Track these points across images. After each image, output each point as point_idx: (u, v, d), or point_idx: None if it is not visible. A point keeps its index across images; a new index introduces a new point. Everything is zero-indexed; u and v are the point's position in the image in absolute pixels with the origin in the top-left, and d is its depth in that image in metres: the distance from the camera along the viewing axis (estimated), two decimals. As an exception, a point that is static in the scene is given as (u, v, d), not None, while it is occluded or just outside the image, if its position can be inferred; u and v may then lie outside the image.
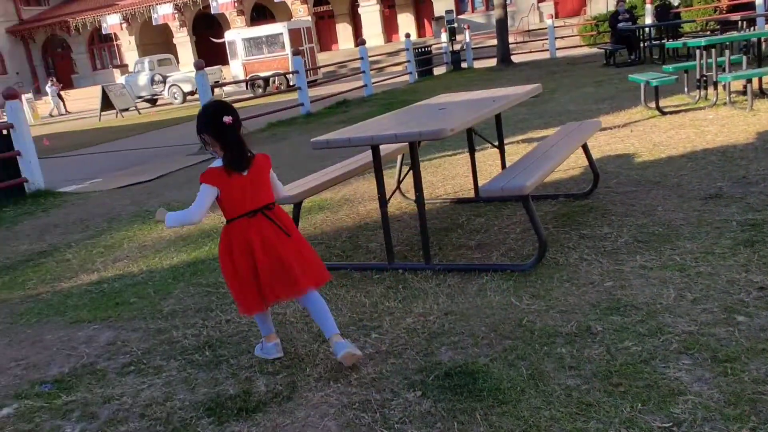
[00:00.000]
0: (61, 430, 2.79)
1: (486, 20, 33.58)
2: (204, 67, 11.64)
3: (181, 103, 27.45)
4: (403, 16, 38.29)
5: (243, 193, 2.92)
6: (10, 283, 5.12)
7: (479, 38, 28.15)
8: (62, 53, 45.04)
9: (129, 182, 9.16)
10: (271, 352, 3.17)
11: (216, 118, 2.87)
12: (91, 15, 40.64)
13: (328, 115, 14.34)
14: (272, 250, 2.90)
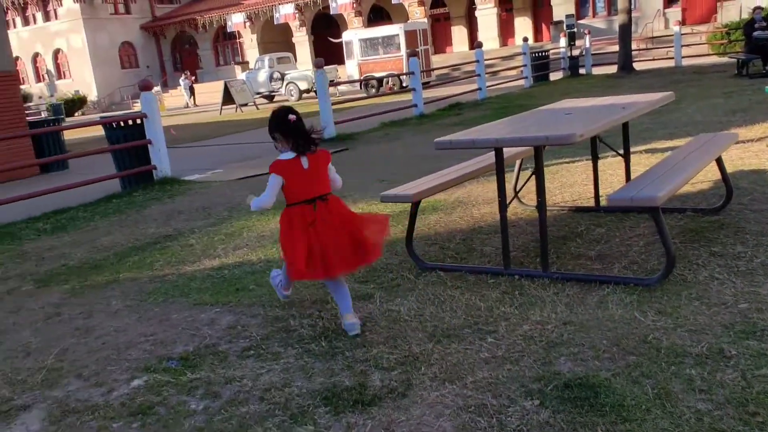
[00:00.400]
0: (187, 405, 2.92)
1: (607, 25, 32.54)
2: (324, 65, 11.92)
3: (297, 101, 28.28)
4: (521, 19, 37.72)
5: (303, 183, 3.42)
6: (139, 263, 5.44)
7: (599, 44, 27.29)
8: (189, 49, 47.49)
9: (247, 174, 9.50)
10: (282, 294, 3.97)
11: (284, 118, 3.43)
12: (218, 13, 42.62)
13: (441, 117, 14.34)
14: (320, 236, 3.38)
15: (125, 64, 45.63)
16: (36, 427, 2.89)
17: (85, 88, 43.30)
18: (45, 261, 5.89)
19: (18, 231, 7.25)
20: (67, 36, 43.96)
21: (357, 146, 11.10)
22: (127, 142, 9.31)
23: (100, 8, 43.90)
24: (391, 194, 4.37)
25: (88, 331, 4.01)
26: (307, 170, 3.42)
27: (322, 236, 3.37)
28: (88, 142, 18.64)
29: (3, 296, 4.98)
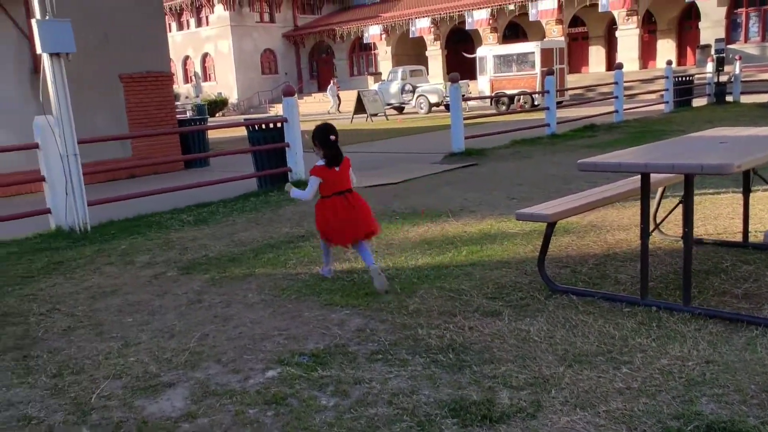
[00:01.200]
0: (318, 400, 3.02)
1: (760, 52, 30.59)
2: (459, 80, 11.97)
3: (426, 113, 28.52)
4: (664, 41, 36.21)
5: (335, 182, 4.81)
6: (274, 260, 5.68)
7: (750, 70, 25.68)
8: (326, 58, 49.15)
9: (377, 182, 9.69)
10: (326, 273, 5.06)
11: (326, 135, 4.80)
12: (356, 25, 43.85)
13: (573, 137, 14.00)
14: (346, 214, 4.75)
15: (266, 70, 47.86)
16: (180, 404, 3.09)
17: (227, 91, 45.81)
18: (188, 250, 6.28)
19: (165, 221, 7.77)
20: (216, 41, 46.71)
21: (486, 162, 11.04)
22: (267, 144, 9.77)
23: (248, 16, 46.35)
24: (527, 213, 4.32)
25: (226, 320, 4.24)
26: (337, 172, 4.83)
27: (350, 214, 4.75)
28: (227, 141, 19.69)
29: (151, 280, 5.36)
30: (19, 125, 11.22)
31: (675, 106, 19.43)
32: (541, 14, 35.83)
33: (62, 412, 3.10)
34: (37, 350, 3.95)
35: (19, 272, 5.88)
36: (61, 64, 7.05)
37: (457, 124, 12.22)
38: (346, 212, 4.75)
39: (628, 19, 34.33)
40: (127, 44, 13.08)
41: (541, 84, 23.16)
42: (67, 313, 4.62)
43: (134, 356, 3.73)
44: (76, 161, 7.26)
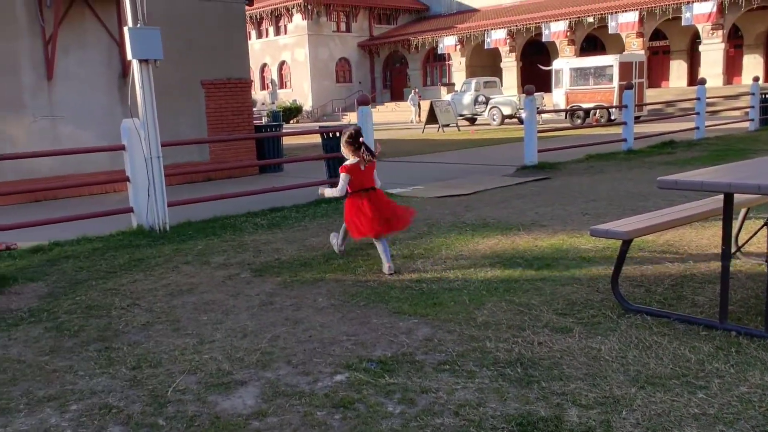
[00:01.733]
0: (384, 407, 3.06)
1: None
2: (534, 92, 11.85)
3: (499, 125, 28.32)
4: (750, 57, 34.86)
5: (362, 179, 5.51)
6: (344, 267, 5.76)
7: (844, 89, 24.36)
8: (399, 68, 49.47)
9: (447, 193, 9.69)
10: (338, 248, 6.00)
11: (358, 138, 5.53)
12: (431, 35, 43.99)
13: (650, 154, 13.63)
14: (373, 208, 5.44)
15: (340, 79, 48.54)
16: (251, 402, 3.18)
17: (302, 98, 46.69)
18: (261, 253, 6.44)
19: (239, 223, 7.99)
20: (293, 49, 47.71)
21: (559, 176, 10.88)
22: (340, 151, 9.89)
23: (324, 26, 47.17)
24: (601, 229, 4.25)
25: (296, 323, 4.33)
26: (364, 171, 5.49)
27: (375, 209, 5.42)
28: (301, 148, 20.06)
29: (225, 280, 5.52)
30: (106, 127, 11.79)
31: (761, 125, 18.64)
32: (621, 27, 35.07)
33: (140, 403, 3.23)
34: (118, 342, 4.13)
35: (102, 267, 6.16)
36: (149, 70, 7.37)
37: (530, 136, 12.09)
38: (371, 206, 5.47)
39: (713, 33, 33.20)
40: (210, 51, 13.54)
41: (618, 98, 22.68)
42: (146, 309, 4.81)
43: (208, 353, 3.85)
44: (159, 163, 7.56)
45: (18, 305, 5.11)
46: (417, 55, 46.96)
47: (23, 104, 11.56)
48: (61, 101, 11.95)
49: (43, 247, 7.06)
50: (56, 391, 3.43)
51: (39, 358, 3.94)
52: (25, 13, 11.42)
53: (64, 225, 7.62)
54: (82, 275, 5.93)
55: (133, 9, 7.19)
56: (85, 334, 4.32)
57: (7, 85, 11.33)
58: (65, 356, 3.94)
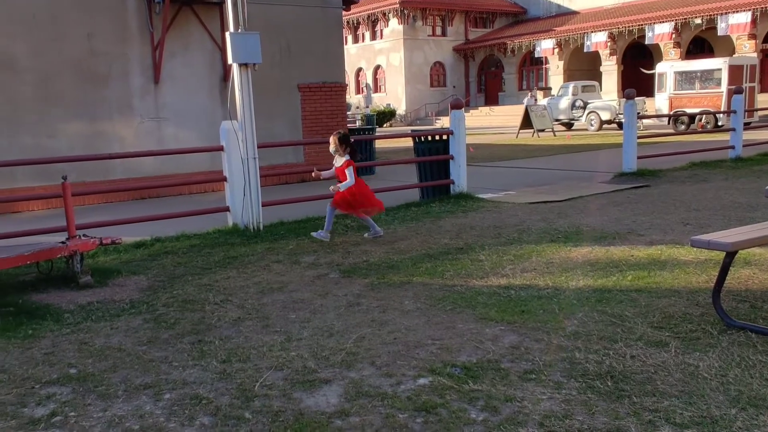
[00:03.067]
0: (467, 413, 3.01)
1: None
2: (635, 96, 11.44)
3: (597, 130, 27.51)
4: None
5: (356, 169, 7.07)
6: (431, 270, 5.74)
7: None
8: (494, 72, 48.95)
9: (540, 199, 9.48)
10: (323, 236, 7.09)
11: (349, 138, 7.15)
12: (528, 39, 43.27)
13: (761, 162, 12.85)
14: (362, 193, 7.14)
15: (434, 83, 48.53)
16: (334, 401, 3.21)
17: (395, 102, 46.99)
18: (350, 255, 6.51)
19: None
20: (388, 54, 48.11)
21: (659, 184, 10.44)
22: (432, 155, 9.90)
23: (420, 30, 47.31)
24: (703, 240, 4.03)
25: (382, 324, 4.34)
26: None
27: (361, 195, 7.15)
28: (392, 151, 20.19)
29: (314, 280, 5.62)
30: (207, 129, 12.27)
31: None
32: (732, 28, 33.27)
33: (229, 396, 3.33)
34: (210, 336, 4.27)
35: (199, 264, 6.40)
36: (248, 74, 7.60)
37: (629, 142, 11.67)
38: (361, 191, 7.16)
39: (834, 34, 31.00)
40: (307, 55, 13.84)
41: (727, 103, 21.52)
42: (237, 305, 4.96)
43: (295, 351, 3.92)
44: (255, 164, 7.78)
45: (121, 297, 5.38)
46: (513, 59, 46.30)
47: (132, 106, 12.19)
48: (166, 103, 12.54)
49: (145, 242, 7.42)
50: (152, 380, 3.59)
51: (137, 347, 4.13)
52: (136, 19, 12.06)
53: (165, 222, 7.97)
54: (179, 270, 6.18)
55: (235, 15, 7.44)
56: (181, 327, 4.50)
57: (119, 88, 11.99)
58: (161, 347, 4.12)
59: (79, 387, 3.54)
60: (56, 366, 3.86)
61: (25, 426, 3.11)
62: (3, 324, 4.65)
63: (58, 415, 3.21)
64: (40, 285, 5.80)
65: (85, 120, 11.69)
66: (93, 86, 11.73)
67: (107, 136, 11.88)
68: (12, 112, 11.01)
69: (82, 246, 5.86)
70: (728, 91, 20.50)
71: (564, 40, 41.25)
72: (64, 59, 11.40)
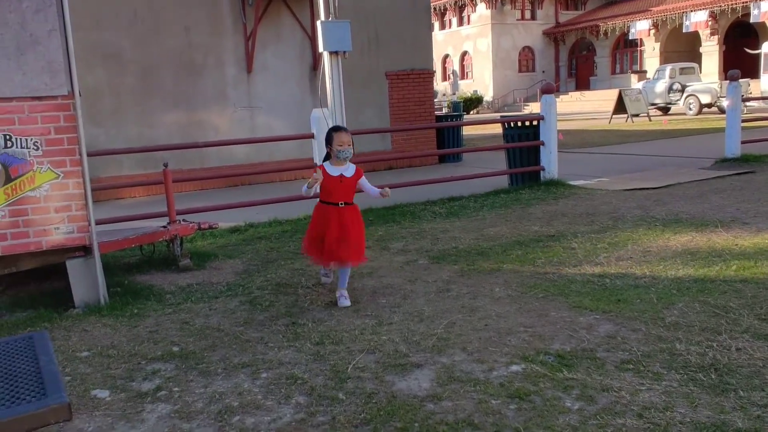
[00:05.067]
0: (562, 402, 2.96)
1: None
2: (738, 77, 10.83)
3: (695, 115, 26.26)
4: None
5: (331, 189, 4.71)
6: (522, 258, 5.65)
7: None
8: (586, 55, 47.47)
9: (636, 186, 9.16)
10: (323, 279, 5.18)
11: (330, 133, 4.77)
12: (622, 20, 41.72)
13: None
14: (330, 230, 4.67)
15: (522, 68, 47.59)
16: (426, 385, 3.22)
17: (482, 89, 46.41)
18: (439, 241, 6.50)
19: (418, 211, 8.12)
20: (475, 40, 47.53)
21: (766, 170, 9.87)
22: (521, 141, 9.73)
23: (508, 14, 46.45)
24: (817, 227, 3.78)
25: (472, 311, 4.32)
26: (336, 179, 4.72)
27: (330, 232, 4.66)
28: (480, 138, 19.96)
29: (403, 266, 5.64)
30: (297, 117, 12.51)
31: None
32: None
33: (323, 377, 3.40)
34: (304, 319, 4.37)
35: (290, 249, 6.55)
36: (339, 62, 7.69)
37: (733, 126, 11.07)
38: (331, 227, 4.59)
39: None
40: (395, 43, 13.85)
41: (841, 83, 20.08)
42: (329, 289, 5.04)
43: (386, 335, 3.96)
44: (344, 151, 7.87)
45: (218, 279, 5.58)
46: (606, 42, 44.73)
47: (226, 96, 12.58)
48: (258, 93, 12.86)
49: (239, 227, 7.66)
50: (249, 359, 3.71)
51: (235, 328, 4.28)
52: (230, 12, 12.40)
53: (258, 208, 8.19)
54: (272, 255, 6.35)
55: (326, 3, 7.54)
56: (275, 309, 4.62)
57: (214, 78, 12.40)
58: (257, 328, 4.25)
59: (181, 364, 3.70)
60: (160, 344, 4.05)
61: (134, 399, 3.29)
62: (112, 303, 4.92)
63: (163, 390, 3.37)
64: (144, 267, 6.09)
65: (182, 110, 12.16)
66: (190, 77, 12.18)
67: (203, 125, 12.31)
68: (117, 104, 11.59)
69: (181, 230, 6.11)
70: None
71: (661, 21, 39.49)
72: (164, 51, 11.88)
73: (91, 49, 11.08)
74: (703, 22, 36.85)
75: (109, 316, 4.64)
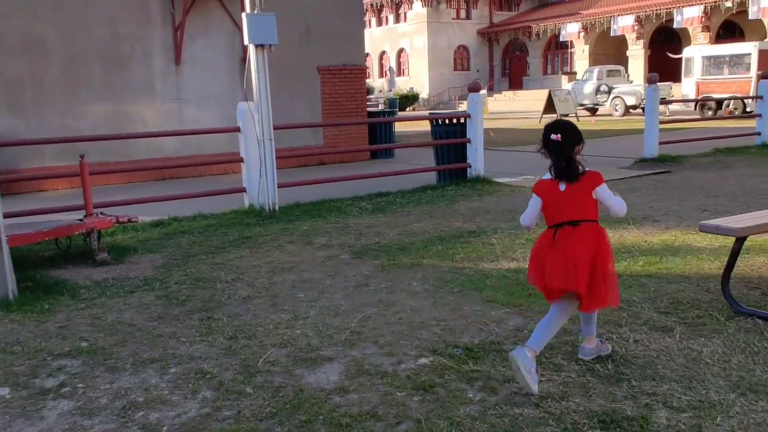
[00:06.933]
0: (465, 393, 3.04)
1: None
2: (657, 81, 11.27)
3: (621, 116, 27.16)
4: None
5: (557, 206, 3.18)
6: (441, 253, 5.75)
7: None
8: (519, 56, 48.44)
9: (558, 184, 9.40)
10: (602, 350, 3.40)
11: (548, 136, 3.25)
12: (553, 22, 42.75)
13: (787, 149, 12.62)
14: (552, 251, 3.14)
15: (457, 66, 48.19)
16: (335, 378, 3.25)
17: (419, 86, 46.76)
18: (363, 236, 6.54)
19: (345, 207, 8.15)
20: (412, 37, 47.83)
21: (681, 170, 10.31)
22: (449, 138, 9.87)
23: (444, 13, 46.93)
24: (712, 225, 3.99)
25: (389, 305, 4.38)
26: (563, 192, 3.17)
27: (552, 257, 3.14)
28: (414, 135, 20.13)
29: (325, 261, 5.66)
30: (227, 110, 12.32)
31: None
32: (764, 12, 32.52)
33: (232, 371, 3.39)
34: (219, 313, 4.34)
35: (213, 243, 6.48)
36: (264, 55, 7.63)
37: (651, 127, 11.52)
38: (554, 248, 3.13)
39: None
40: (327, 38, 13.82)
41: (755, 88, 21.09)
42: (248, 283, 5.02)
43: (301, 329, 3.97)
44: (270, 146, 7.83)
45: (135, 274, 5.47)
46: (538, 43, 45.75)
47: (154, 88, 12.30)
48: (187, 85, 12.62)
49: (163, 221, 7.52)
50: (159, 354, 3.66)
51: (148, 323, 4.21)
52: (158, 2, 12.12)
53: (183, 202, 8.06)
54: (194, 249, 6.26)
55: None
56: (191, 304, 4.57)
57: (141, 70, 12.10)
58: (171, 323, 4.19)
59: (89, 360, 3.62)
60: (69, 339, 3.96)
61: (35, 396, 3.20)
62: (21, 298, 4.76)
63: (66, 386, 3.29)
64: (59, 261, 5.92)
65: (108, 101, 11.83)
66: (116, 68, 11.86)
67: (130, 117, 12.00)
68: (40, 94, 11.17)
69: (98, 224, 5.96)
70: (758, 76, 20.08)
71: (590, 24, 40.66)
72: (89, 41, 11.52)
73: (10, 37, 10.66)
74: (629, 27, 38.13)
75: (18, 312, 4.50)
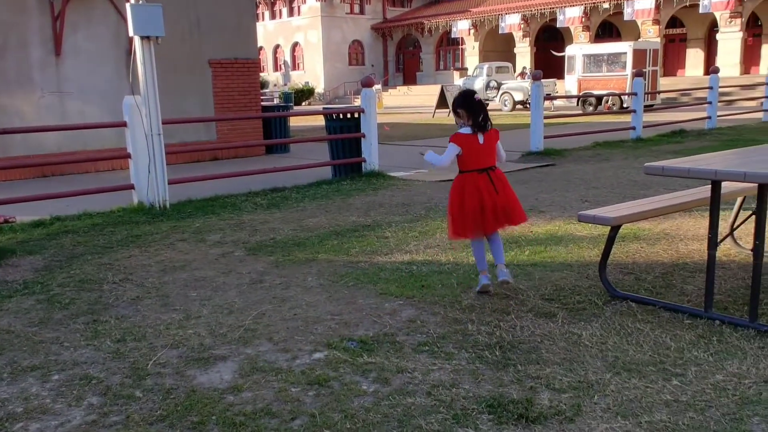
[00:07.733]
0: (359, 385, 3.08)
1: None
2: (541, 78, 11.77)
3: (510, 111, 28.15)
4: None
5: (477, 155, 4.22)
6: (337, 248, 5.77)
7: None
8: (412, 52, 49.20)
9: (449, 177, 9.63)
10: (482, 281, 4.32)
11: (471, 97, 4.25)
12: (444, 19, 43.69)
13: (659, 142, 13.51)
14: (491, 197, 4.17)
15: (353, 61, 48.34)
16: (228, 377, 3.21)
17: (314, 80, 46.58)
18: (257, 232, 6.47)
19: (239, 203, 8.02)
20: (306, 31, 47.54)
21: (564, 163, 10.82)
22: (343, 133, 9.90)
23: (338, 7, 46.92)
24: (589, 215, 4.23)
25: (283, 301, 4.36)
26: (482, 145, 4.21)
27: (494, 198, 4.19)
28: (310, 130, 20.05)
29: (218, 258, 5.56)
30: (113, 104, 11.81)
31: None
32: (637, 14, 34.65)
33: (120, 375, 3.27)
34: (106, 316, 4.18)
35: (99, 243, 6.21)
36: (151, 47, 7.37)
37: (536, 122, 12.02)
38: (490, 194, 4.14)
39: (731, 22, 32.73)
40: (218, 31, 13.50)
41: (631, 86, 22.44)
42: (137, 284, 4.85)
43: (193, 329, 3.89)
44: (159, 141, 7.58)
45: (14, 277, 5.17)
46: (430, 39, 46.66)
47: (31, 80, 11.60)
48: (69, 77, 11.99)
49: (44, 221, 7.12)
50: (40, 362, 3.48)
51: (27, 329, 3.99)
52: (33, -12, 11.44)
53: (68, 200, 7.66)
54: (79, 249, 5.98)
55: (136, -15, 7.18)
56: (75, 307, 4.37)
57: (15, 60, 11.37)
58: (53, 328, 3.99)
59: (-40, 371, 3.40)
60: (-63, 350, 3.69)
61: None
62: None
63: (-65, 401, 3.07)
64: (-75, 267, 5.49)
65: (-21, 93, 11.06)
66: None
67: (5, 111, 11.27)
68: None
69: (-30, 225, 5.58)
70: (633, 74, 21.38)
71: (479, 21, 41.88)
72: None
73: None
74: (516, 25, 39.58)
75: None
